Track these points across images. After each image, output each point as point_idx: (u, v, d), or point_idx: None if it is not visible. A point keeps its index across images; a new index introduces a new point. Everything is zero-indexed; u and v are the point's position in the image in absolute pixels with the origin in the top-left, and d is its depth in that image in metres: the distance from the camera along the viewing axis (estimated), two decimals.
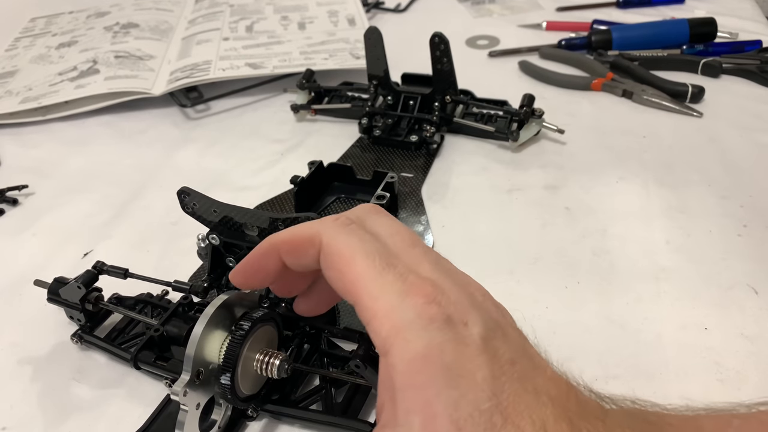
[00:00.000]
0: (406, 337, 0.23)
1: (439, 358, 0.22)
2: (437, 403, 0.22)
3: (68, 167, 0.66)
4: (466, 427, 0.21)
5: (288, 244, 0.28)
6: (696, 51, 0.77)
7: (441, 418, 0.21)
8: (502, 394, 0.22)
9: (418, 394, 0.22)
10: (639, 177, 0.58)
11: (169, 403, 0.39)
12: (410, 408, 0.22)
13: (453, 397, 0.22)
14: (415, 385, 0.22)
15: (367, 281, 0.25)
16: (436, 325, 0.23)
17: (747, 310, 0.44)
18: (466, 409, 0.22)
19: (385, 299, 0.24)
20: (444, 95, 0.64)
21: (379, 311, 0.24)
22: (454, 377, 0.22)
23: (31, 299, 0.47)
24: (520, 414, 0.22)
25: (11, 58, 0.87)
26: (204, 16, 0.92)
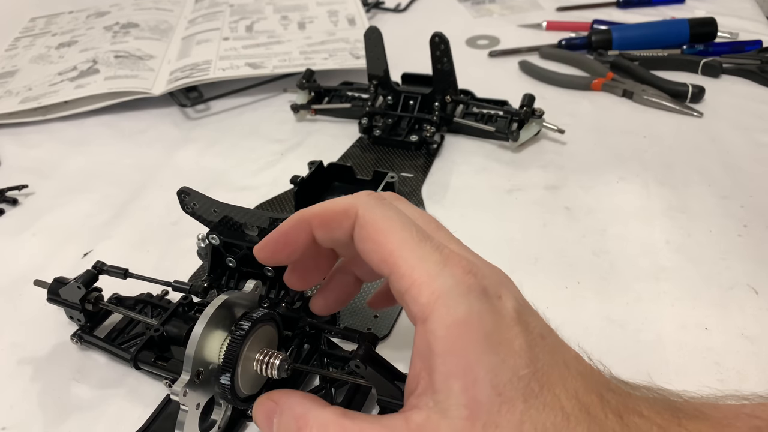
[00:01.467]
0: (447, 303, 0.23)
1: (479, 324, 0.23)
2: (478, 368, 0.22)
3: (68, 167, 0.66)
4: (505, 392, 0.22)
5: (321, 217, 0.28)
6: (696, 51, 0.77)
7: (482, 383, 0.22)
8: (538, 363, 0.23)
9: (458, 359, 0.22)
10: (639, 177, 0.58)
11: (169, 403, 0.39)
12: (450, 373, 0.22)
13: (493, 362, 0.22)
14: (456, 350, 0.23)
15: (405, 251, 0.25)
16: (474, 294, 0.24)
17: (747, 310, 0.44)
18: (506, 374, 0.22)
19: (424, 267, 0.24)
20: (444, 95, 0.64)
21: (418, 279, 0.24)
22: (494, 344, 0.23)
23: (31, 299, 0.47)
24: (555, 383, 0.23)
25: (11, 57, 0.87)
26: (204, 16, 0.92)
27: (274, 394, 0.28)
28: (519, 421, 0.22)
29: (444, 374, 0.23)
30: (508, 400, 0.22)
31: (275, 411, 0.27)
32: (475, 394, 0.22)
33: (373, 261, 0.26)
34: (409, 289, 0.24)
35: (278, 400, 0.28)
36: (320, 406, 0.27)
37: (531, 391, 0.22)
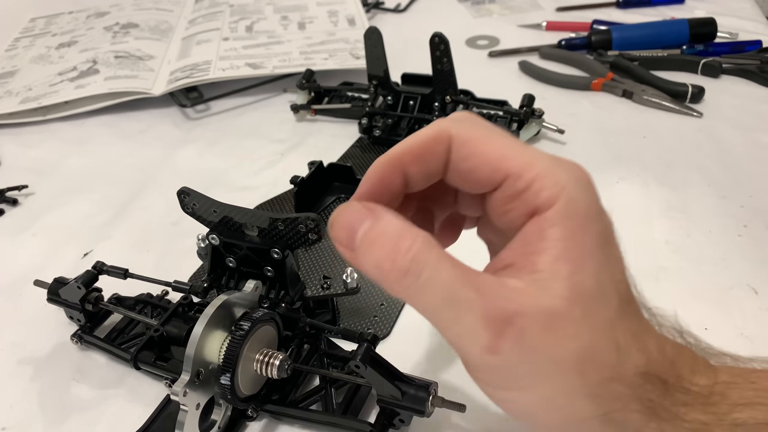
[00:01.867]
0: (571, 194, 0.23)
1: (596, 220, 0.24)
2: (588, 259, 0.23)
3: (68, 167, 0.66)
4: (606, 288, 0.23)
5: (413, 150, 0.26)
6: (696, 51, 0.77)
7: (588, 273, 0.23)
8: (629, 274, 0.25)
9: (573, 246, 0.23)
10: (639, 177, 0.58)
11: (169, 404, 0.39)
12: (561, 256, 0.23)
13: (601, 259, 0.23)
14: (574, 237, 0.23)
15: (517, 153, 0.24)
16: (593, 191, 0.24)
17: (747, 310, 0.44)
18: (608, 273, 0.24)
19: (541, 163, 0.24)
20: (444, 95, 0.64)
21: (539, 173, 0.24)
22: (604, 243, 0.24)
23: (31, 299, 0.47)
24: (635, 300, 0.25)
25: (11, 58, 0.87)
26: (204, 16, 0.92)
27: (365, 203, 0.24)
28: (611, 319, 0.23)
29: (553, 256, 0.23)
30: (606, 297, 0.23)
31: (367, 217, 0.23)
32: (580, 281, 0.23)
33: (481, 174, 0.25)
34: (531, 184, 0.24)
35: (373, 207, 0.24)
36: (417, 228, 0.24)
37: (623, 297, 0.24)
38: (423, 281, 0.22)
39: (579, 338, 0.22)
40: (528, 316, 0.22)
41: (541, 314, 0.22)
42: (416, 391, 0.33)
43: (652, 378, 0.24)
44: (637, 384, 0.23)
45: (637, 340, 0.24)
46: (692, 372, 0.25)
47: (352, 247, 0.24)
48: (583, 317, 0.22)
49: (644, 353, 0.24)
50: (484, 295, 0.22)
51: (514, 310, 0.22)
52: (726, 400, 0.24)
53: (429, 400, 0.33)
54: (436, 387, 0.34)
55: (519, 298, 0.22)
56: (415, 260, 0.22)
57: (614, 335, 0.23)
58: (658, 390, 0.24)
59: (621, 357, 0.23)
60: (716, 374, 0.25)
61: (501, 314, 0.22)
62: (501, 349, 0.22)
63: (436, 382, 0.34)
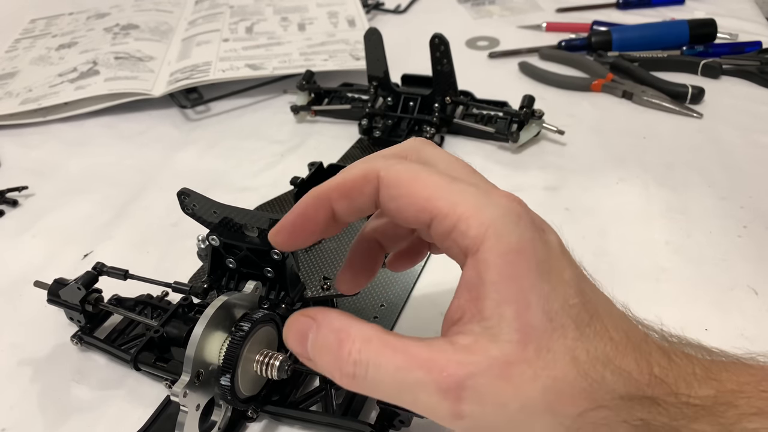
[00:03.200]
0: (499, 231, 0.23)
1: (531, 253, 0.23)
2: (531, 294, 0.22)
3: (68, 168, 0.66)
4: (557, 318, 0.22)
5: (340, 188, 0.26)
6: (696, 52, 0.77)
7: (534, 309, 0.22)
8: (586, 296, 0.24)
9: (512, 286, 0.22)
10: (639, 178, 0.58)
11: (169, 405, 0.39)
12: (502, 299, 0.22)
13: (545, 290, 0.23)
14: (510, 276, 0.23)
15: (443, 192, 0.24)
16: (524, 222, 0.24)
17: (747, 310, 0.44)
18: (557, 302, 0.23)
19: (468, 202, 0.24)
20: (444, 96, 0.64)
21: (464, 212, 0.24)
22: (545, 273, 0.23)
23: (31, 300, 0.47)
24: (602, 315, 0.24)
25: (11, 59, 0.87)
26: (204, 18, 0.92)
27: (309, 311, 0.26)
28: (571, 347, 0.22)
29: (496, 301, 0.23)
30: (560, 327, 0.22)
31: (311, 327, 0.25)
32: (528, 320, 0.22)
33: (409, 215, 0.25)
34: (457, 224, 0.24)
35: (315, 315, 0.25)
36: (360, 322, 0.25)
37: (581, 319, 0.23)
38: (370, 379, 0.23)
39: (539, 378, 0.22)
40: (480, 374, 0.22)
41: (493, 367, 0.22)
42: None
43: (638, 398, 0.23)
44: (620, 407, 0.22)
45: (609, 364, 0.23)
46: (689, 386, 0.24)
47: (308, 357, 0.25)
48: (539, 355, 0.22)
49: (621, 376, 0.23)
50: (432, 369, 0.22)
51: (465, 373, 0.22)
52: (734, 409, 0.23)
53: None
54: None
55: (469, 359, 0.22)
56: (357, 363, 0.23)
57: (579, 364, 0.22)
58: (649, 409, 0.23)
59: (593, 385, 0.22)
60: (720, 384, 0.24)
61: (453, 381, 0.22)
62: (464, 414, 0.22)
63: None
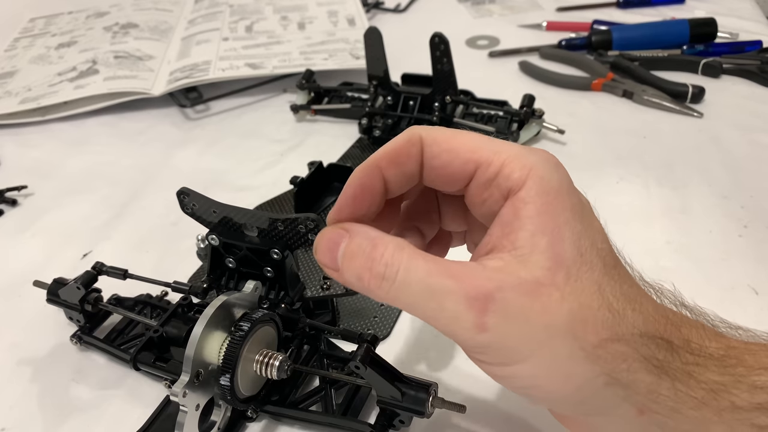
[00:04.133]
0: (540, 173, 0.24)
1: (569, 194, 0.25)
2: (566, 229, 0.24)
3: (68, 168, 0.66)
4: (587, 255, 0.24)
5: (389, 155, 0.27)
6: (696, 51, 0.77)
7: (567, 242, 0.24)
8: (610, 245, 0.25)
9: (548, 220, 0.24)
10: (639, 177, 0.58)
11: (169, 404, 0.39)
12: (538, 231, 0.24)
13: (578, 228, 0.24)
14: (547, 212, 0.24)
15: (485, 143, 0.26)
16: (562, 171, 0.26)
17: (748, 310, 0.44)
18: (588, 242, 0.24)
19: (510, 150, 0.25)
20: (444, 95, 0.64)
21: (507, 158, 0.25)
22: (579, 214, 0.25)
23: (31, 300, 0.47)
24: (622, 266, 0.25)
25: (10, 58, 0.87)
26: (203, 17, 0.92)
27: (341, 224, 0.27)
28: (598, 281, 0.24)
29: (530, 232, 0.24)
30: (589, 262, 0.24)
31: (344, 236, 0.26)
32: (560, 250, 0.23)
33: (455, 168, 0.26)
34: (501, 169, 0.25)
35: (348, 227, 0.26)
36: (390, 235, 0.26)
37: (608, 262, 0.24)
38: (399, 281, 0.24)
39: (566, 301, 0.23)
40: (509, 289, 0.23)
41: (523, 285, 0.23)
42: (416, 392, 0.33)
43: (655, 338, 0.24)
44: (639, 343, 0.23)
45: (631, 302, 0.24)
46: (701, 337, 0.24)
47: (337, 267, 0.26)
48: (567, 282, 0.23)
49: (641, 314, 0.24)
50: (462, 279, 0.23)
51: (494, 286, 0.23)
52: (743, 363, 0.24)
53: (429, 401, 0.33)
54: (436, 388, 0.34)
55: (499, 276, 0.23)
56: (389, 264, 0.24)
57: (604, 296, 0.23)
58: (664, 350, 0.24)
59: (615, 317, 0.23)
60: (728, 341, 0.25)
61: (481, 292, 0.23)
62: (488, 326, 0.23)
63: (436, 382, 0.34)
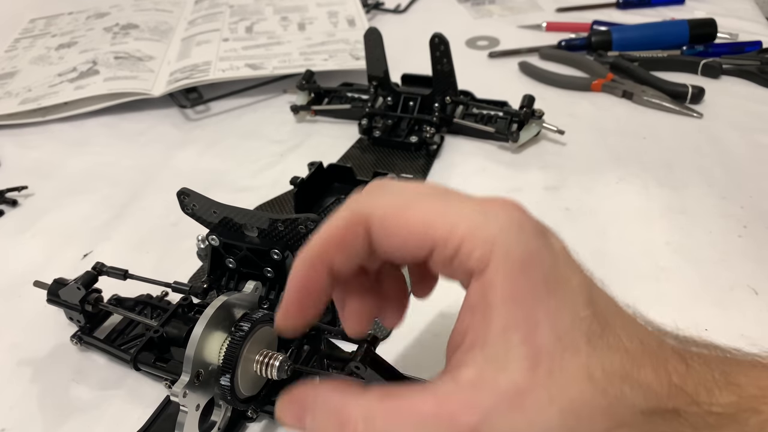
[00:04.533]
0: (504, 248, 0.22)
1: (539, 264, 0.22)
2: (539, 313, 0.21)
3: (68, 168, 0.66)
4: (567, 336, 0.21)
5: (331, 240, 0.24)
6: (696, 52, 0.77)
7: (543, 329, 0.21)
8: (596, 304, 0.22)
9: (518, 308, 0.21)
10: (639, 178, 0.58)
11: (169, 405, 0.39)
12: (509, 324, 0.21)
13: (552, 306, 0.21)
14: (516, 297, 0.21)
15: (438, 215, 0.23)
16: (527, 230, 0.22)
17: (747, 311, 0.44)
18: (567, 318, 0.21)
19: (467, 220, 0.22)
20: (444, 96, 0.64)
21: (465, 233, 0.22)
22: (552, 285, 0.22)
23: (31, 300, 0.47)
24: (614, 325, 0.22)
25: (11, 59, 0.87)
26: (204, 17, 0.92)
27: (299, 392, 0.24)
28: (585, 364, 0.21)
29: (501, 326, 0.21)
30: (572, 344, 0.21)
31: (306, 409, 0.24)
32: (536, 342, 0.21)
33: (410, 248, 0.23)
34: (460, 247, 0.22)
35: (305, 397, 0.24)
36: (357, 394, 0.23)
37: (593, 332, 0.21)
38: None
39: (555, 401, 0.21)
40: (492, 412, 0.21)
41: (504, 401, 0.21)
42: None
43: (660, 412, 0.22)
44: (643, 422, 0.21)
45: (627, 378, 0.21)
46: (710, 392, 0.22)
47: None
48: (551, 377, 0.21)
49: (640, 389, 0.21)
50: (444, 424, 0.21)
51: (477, 419, 0.21)
52: (757, 416, 0.22)
53: None
54: None
55: (477, 398, 0.21)
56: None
57: (594, 381, 0.21)
58: (671, 422, 0.22)
59: (612, 401, 0.21)
60: (741, 389, 0.23)
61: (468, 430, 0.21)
62: None
63: None
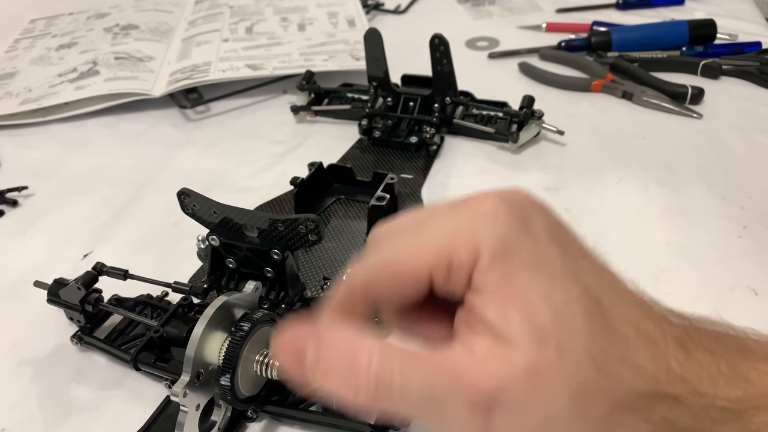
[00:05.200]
0: (488, 242, 0.22)
1: (519, 250, 0.22)
2: (534, 294, 0.21)
3: (68, 168, 0.66)
4: (563, 314, 0.21)
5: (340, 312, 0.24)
6: (695, 52, 0.77)
7: (540, 308, 0.21)
8: (585, 283, 0.22)
9: (510, 291, 0.21)
10: (639, 178, 0.58)
11: (169, 404, 0.39)
12: (505, 305, 0.21)
13: (541, 287, 0.21)
14: (506, 281, 0.21)
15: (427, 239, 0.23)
16: (501, 221, 0.22)
17: (747, 311, 0.44)
18: (559, 296, 0.21)
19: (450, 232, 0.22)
20: (444, 96, 0.64)
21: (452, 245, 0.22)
22: (536, 267, 0.22)
23: (31, 300, 0.47)
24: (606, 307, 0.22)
25: (11, 59, 0.87)
26: (204, 18, 0.92)
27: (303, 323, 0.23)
28: (587, 346, 0.21)
29: (499, 307, 0.21)
30: (570, 323, 0.21)
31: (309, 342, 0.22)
32: (537, 320, 0.21)
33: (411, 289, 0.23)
34: (450, 260, 0.22)
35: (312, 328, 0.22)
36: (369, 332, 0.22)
37: (588, 311, 0.21)
38: (396, 393, 0.21)
39: (567, 382, 0.21)
40: (510, 386, 0.20)
41: (521, 377, 0.21)
42: None
43: (659, 396, 0.22)
44: (642, 405, 0.21)
45: (624, 360, 0.21)
46: (715, 384, 0.22)
47: (304, 373, 0.22)
48: (561, 357, 0.21)
49: (638, 371, 0.21)
50: (460, 379, 0.21)
51: (494, 384, 0.20)
52: (764, 414, 0.22)
53: None
54: None
55: (493, 366, 0.21)
56: (380, 376, 0.21)
57: (596, 363, 0.21)
58: (672, 408, 0.22)
59: (614, 383, 0.21)
60: (749, 384, 0.22)
61: (483, 397, 0.20)
62: (495, 428, 0.21)
63: None
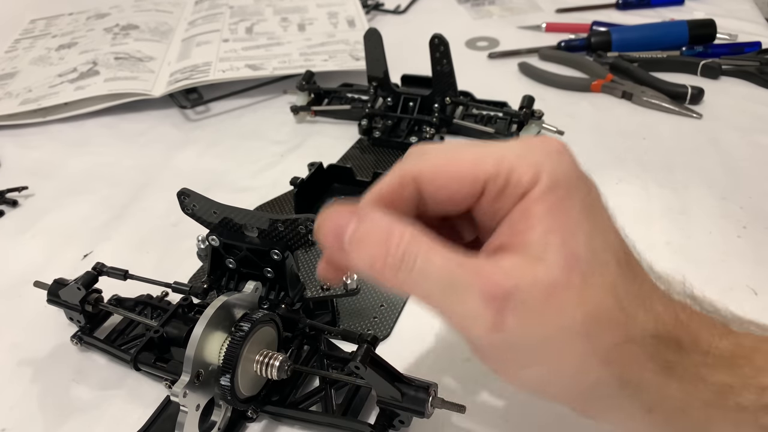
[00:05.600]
0: (548, 169, 0.23)
1: (578, 188, 0.24)
2: (578, 228, 0.23)
3: (68, 169, 0.66)
4: (599, 254, 0.23)
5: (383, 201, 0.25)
6: (695, 52, 0.77)
7: (581, 242, 0.23)
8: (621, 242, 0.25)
9: (560, 217, 0.23)
10: (639, 178, 0.58)
11: (169, 405, 0.39)
12: (550, 229, 0.23)
13: (590, 226, 0.23)
14: (559, 208, 0.23)
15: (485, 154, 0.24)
16: (569, 161, 0.24)
17: (747, 311, 0.44)
18: (600, 238, 0.23)
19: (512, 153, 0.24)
20: (444, 97, 0.64)
21: (512, 163, 0.24)
22: (590, 209, 0.24)
23: (31, 301, 0.47)
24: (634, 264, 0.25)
25: (11, 59, 0.87)
26: (204, 18, 0.92)
27: (348, 206, 0.24)
28: (612, 282, 0.23)
29: (542, 231, 0.23)
30: (603, 262, 0.23)
31: (352, 219, 0.24)
32: (575, 250, 0.22)
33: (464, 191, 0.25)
34: (509, 177, 0.24)
35: (355, 210, 0.24)
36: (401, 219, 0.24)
37: (620, 259, 0.24)
38: (417, 271, 0.23)
39: (582, 304, 0.22)
40: (527, 289, 0.22)
41: (539, 285, 0.22)
42: (416, 392, 0.33)
43: (665, 339, 0.23)
44: (650, 345, 0.23)
45: (643, 303, 0.24)
46: (711, 335, 0.24)
47: (341, 248, 0.24)
48: (583, 283, 0.22)
49: (652, 314, 0.23)
50: (480, 274, 0.22)
51: (512, 285, 0.22)
52: (751, 363, 0.24)
53: (429, 401, 0.33)
54: (436, 388, 0.34)
55: (515, 273, 0.22)
56: (406, 254, 0.23)
57: (617, 298, 0.23)
58: (674, 350, 0.24)
59: (628, 319, 0.23)
60: (738, 338, 0.25)
61: (500, 291, 0.22)
62: (505, 326, 0.22)
63: (436, 383, 0.34)
